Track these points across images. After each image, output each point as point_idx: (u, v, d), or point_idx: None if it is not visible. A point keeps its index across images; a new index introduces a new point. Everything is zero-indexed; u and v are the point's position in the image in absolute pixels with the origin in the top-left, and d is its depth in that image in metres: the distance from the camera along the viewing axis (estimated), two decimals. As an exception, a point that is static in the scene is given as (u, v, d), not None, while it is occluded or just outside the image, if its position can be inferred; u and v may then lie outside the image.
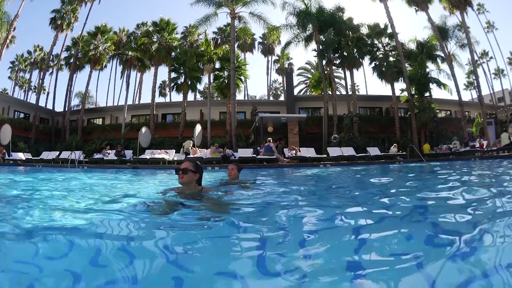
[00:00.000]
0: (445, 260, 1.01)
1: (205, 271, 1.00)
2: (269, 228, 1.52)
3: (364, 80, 71.74)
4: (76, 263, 1.04)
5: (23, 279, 0.92)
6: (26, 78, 38.98)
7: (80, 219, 1.68)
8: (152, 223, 1.65)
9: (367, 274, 0.93)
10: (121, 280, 0.91)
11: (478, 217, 1.64)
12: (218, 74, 20.64)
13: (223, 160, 12.46)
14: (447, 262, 0.99)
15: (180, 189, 2.49)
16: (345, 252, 1.12)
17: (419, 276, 0.91)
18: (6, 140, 15.80)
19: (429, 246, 1.18)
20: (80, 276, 0.93)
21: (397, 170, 8.09)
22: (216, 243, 1.31)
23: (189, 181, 2.40)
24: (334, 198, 3.00)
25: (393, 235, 1.33)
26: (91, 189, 3.92)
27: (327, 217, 1.77)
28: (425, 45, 20.60)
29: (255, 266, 1.00)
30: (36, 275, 0.95)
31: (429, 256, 1.05)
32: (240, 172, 4.06)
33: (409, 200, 2.38)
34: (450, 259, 1.01)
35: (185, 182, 2.39)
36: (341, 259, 1.04)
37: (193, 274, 0.99)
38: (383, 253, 1.13)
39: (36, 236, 1.32)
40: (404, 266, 0.98)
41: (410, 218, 1.76)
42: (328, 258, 1.08)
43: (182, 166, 2.41)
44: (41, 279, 0.93)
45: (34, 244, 1.21)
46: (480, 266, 0.95)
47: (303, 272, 0.95)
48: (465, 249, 1.07)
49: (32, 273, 0.96)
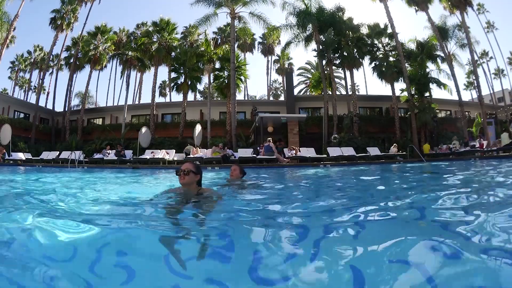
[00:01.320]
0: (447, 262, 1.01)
1: (201, 274, 0.97)
2: (269, 230, 1.50)
3: (364, 80, 71.96)
4: (72, 267, 1.02)
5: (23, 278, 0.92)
6: (26, 78, 39.01)
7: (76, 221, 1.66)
8: (153, 225, 1.64)
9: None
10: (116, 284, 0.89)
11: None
12: (218, 74, 20.65)
13: (223, 160, 12.46)
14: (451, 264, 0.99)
15: (180, 189, 2.49)
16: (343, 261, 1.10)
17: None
18: (6, 140, 15.80)
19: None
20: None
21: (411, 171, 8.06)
22: (214, 244, 1.28)
23: (190, 182, 2.41)
24: (337, 199, 2.98)
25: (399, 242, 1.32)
26: (83, 190, 3.84)
27: (332, 219, 1.75)
28: (425, 45, 20.60)
29: (254, 270, 0.98)
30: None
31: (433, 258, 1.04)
32: (243, 173, 4.06)
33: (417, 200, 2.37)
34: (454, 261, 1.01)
35: (187, 183, 2.41)
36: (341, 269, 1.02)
37: (191, 280, 0.96)
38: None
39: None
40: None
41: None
42: (329, 264, 1.06)
43: (183, 167, 2.41)
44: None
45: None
46: (481, 266, 0.95)
47: (303, 277, 0.93)
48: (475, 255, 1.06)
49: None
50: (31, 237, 1.25)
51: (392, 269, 0.97)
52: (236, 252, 1.16)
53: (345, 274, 0.95)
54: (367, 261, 1.02)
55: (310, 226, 1.59)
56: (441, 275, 0.91)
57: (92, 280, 0.95)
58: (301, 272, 0.97)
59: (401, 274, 0.93)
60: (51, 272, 0.98)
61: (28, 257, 1.09)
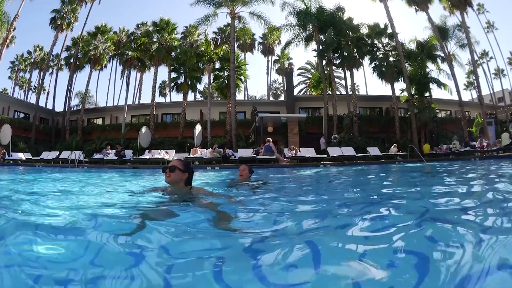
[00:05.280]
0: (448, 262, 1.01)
1: (192, 278, 0.93)
2: (268, 232, 1.44)
3: (364, 80, 71.98)
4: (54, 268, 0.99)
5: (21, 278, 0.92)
6: (26, 78, 39.01)
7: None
8: (129, 225, 1.49)
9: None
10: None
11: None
12: (218, 74, 20.64)
13: (223, 160, 12.47)
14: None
15: (167, 189, 2.33)
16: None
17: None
18: (6, 140, 15.80)
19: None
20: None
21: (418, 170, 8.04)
22: (201, 246, 1.21)
23: (176, 181, 2.24)
24: (345, 200, 2.96)
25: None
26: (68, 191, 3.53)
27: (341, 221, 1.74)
28: (425, 45, 20.60)
29: (251, 274, 0.96)
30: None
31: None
32: (251, 172, 4.03)
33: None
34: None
35: (172, 181, 2.24)
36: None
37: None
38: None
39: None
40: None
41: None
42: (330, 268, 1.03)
43: (170, 164, 2.27)
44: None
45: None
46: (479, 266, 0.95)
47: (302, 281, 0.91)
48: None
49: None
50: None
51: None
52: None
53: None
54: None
55: (313, 231, 1.58)
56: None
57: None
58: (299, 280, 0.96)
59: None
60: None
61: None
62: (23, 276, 0.92)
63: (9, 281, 0.88)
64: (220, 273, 0.92)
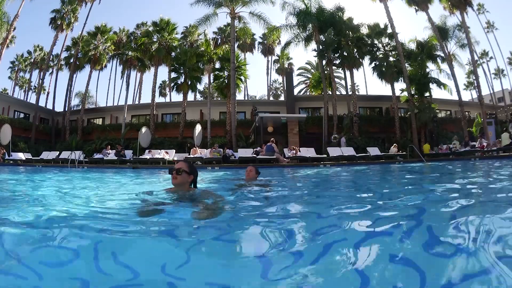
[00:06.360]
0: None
1: (194, 279, 0.94)
2: (268, 234, 1.44)
3: (364, 80, 71.96)
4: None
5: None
6: (26, 78, 39.00)
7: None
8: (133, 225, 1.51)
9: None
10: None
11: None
12: (218, 74, 20.64)
13: (223, 160, 12.46)
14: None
15: (172, 190, 2.36)
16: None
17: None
18: (6, 140, 15.79)
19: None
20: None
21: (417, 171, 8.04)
22: (203, 248, 1.22)
23: (183, 183, 2.29)
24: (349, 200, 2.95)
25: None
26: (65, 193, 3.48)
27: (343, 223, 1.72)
28: (425, 45, 20.60)
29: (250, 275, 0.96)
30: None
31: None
32: (258, 173, 4.02)
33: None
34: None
35: (179, 183, 2.27)
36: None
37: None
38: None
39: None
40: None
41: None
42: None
43: (176, 166, 2.29)
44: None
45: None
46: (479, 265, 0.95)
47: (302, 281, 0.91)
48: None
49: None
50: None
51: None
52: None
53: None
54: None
55: (315, 233, 1.58)
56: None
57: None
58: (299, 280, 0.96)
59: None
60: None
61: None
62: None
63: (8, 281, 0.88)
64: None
